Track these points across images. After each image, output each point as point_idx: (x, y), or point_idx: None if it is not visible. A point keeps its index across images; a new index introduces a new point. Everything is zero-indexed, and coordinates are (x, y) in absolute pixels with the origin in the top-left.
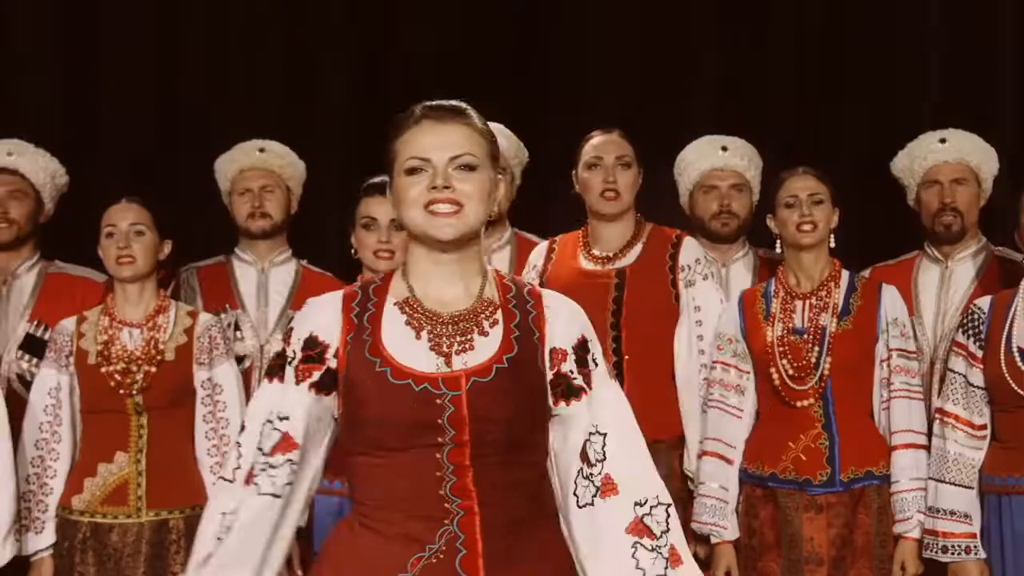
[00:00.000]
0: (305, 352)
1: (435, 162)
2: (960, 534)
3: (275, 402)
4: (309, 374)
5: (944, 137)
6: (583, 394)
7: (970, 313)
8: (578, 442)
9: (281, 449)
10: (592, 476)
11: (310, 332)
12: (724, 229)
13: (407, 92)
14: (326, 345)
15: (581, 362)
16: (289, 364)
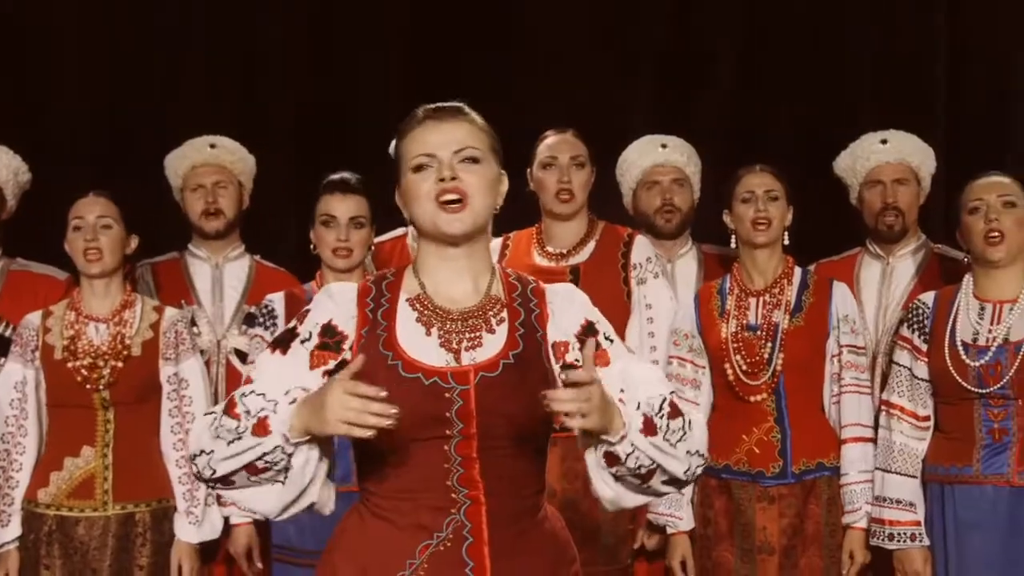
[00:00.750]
0: (322, 339)
1: (440, 156)
2: (905, 522)
3: (296, 378)
4: (325, 361)
5: (886, 138)
6: None
7: (915, 308)
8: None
9: (255, 431)
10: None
11: (329, 319)
12: (667, 225)
13: (355, 91)
14: (344, 336)
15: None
16: (302, 344)
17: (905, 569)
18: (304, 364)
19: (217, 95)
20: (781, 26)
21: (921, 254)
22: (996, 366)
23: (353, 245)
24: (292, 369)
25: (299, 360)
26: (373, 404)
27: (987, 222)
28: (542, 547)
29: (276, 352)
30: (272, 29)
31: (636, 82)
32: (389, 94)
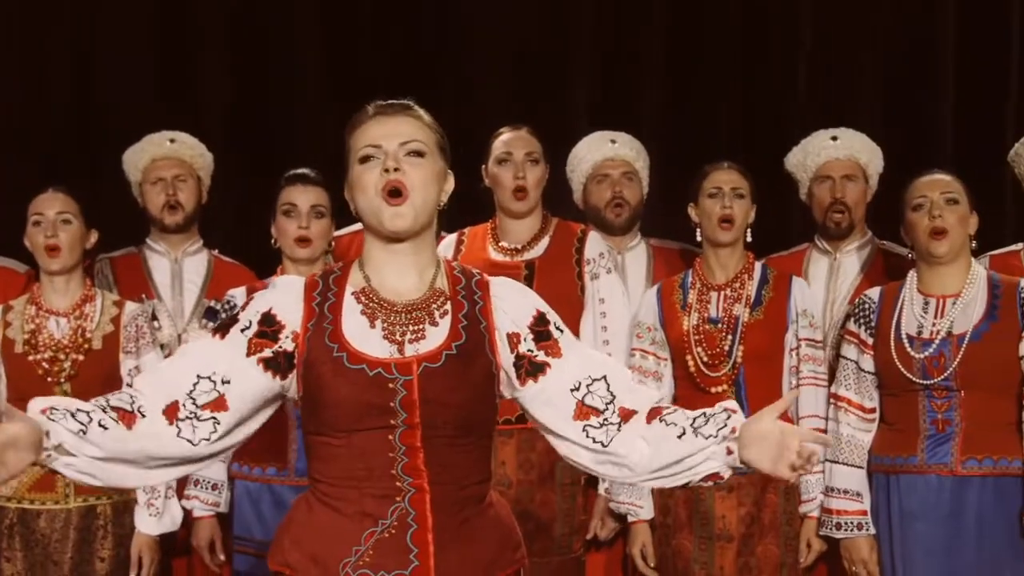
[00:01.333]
0: (260, 327)
1: (386, 148)
2: (852, 511)
3: (220, 363)
4: (260, 349)
5: (836, 135)
6: (547, 368)
7: (861, 303)
8: (569, 406)
9: (212, 407)
10: (607, 420)
11: (269, 308)
12: (617, 219)
13: (290, 88)
14: (282, 325)
15: (543, 336)
16: (242, 332)
17: (852, 557)
18: (241, 350)
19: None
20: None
21: (867, 250)
22: (940, 358)
23: (313, 235)
24: (225, 352)
25: (236, 346)
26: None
27: (931, 219)
28: (486, 534)
29: (216, 336)
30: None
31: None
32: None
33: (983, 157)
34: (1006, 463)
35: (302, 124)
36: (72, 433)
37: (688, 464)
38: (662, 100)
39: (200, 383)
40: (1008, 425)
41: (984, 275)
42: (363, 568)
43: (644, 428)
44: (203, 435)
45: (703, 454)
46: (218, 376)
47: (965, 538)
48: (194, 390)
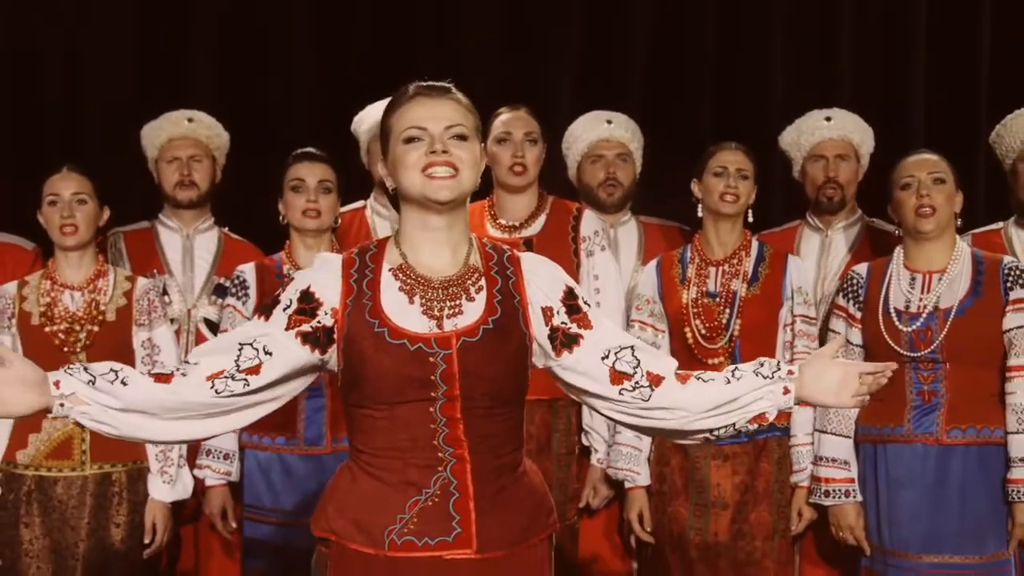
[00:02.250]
0: (300, 304)
1: (432, 131)
2: (840, 479)
3: (264, 337)
4: (299, 324)
5: (830, 116)
6: (581, 339)
7: (849, 278)
8: (604, 373)
9: (248, 372)
10: (638, 383)
11: (308, 286)
12: (609, 198)
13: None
14: (320, 302)
15: (574, 310)
16: (283, 310)
17: (840, 523)
18: (282, 326)
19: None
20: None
21: (857, 227)
22: (927, 331)
23: (322, 207)
24: (268, 328)
25: (278, 322)
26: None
27: (919, 198)
28: (522, 500)
29: (260, 317)
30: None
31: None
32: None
33: (955, 142)
34: (989, 432)
35: (290, 96)
36: (83, 383)
37: (743, 402)
38: (646, 80)
39: (244, 350)
40: (991, 396)
41: (968, 252)
42: (408, 535)
43: (680, 388)
44: (231, 390)
45: (759, 392)
46: (260, 345)
47: (949, 505)
48: (240, 357)
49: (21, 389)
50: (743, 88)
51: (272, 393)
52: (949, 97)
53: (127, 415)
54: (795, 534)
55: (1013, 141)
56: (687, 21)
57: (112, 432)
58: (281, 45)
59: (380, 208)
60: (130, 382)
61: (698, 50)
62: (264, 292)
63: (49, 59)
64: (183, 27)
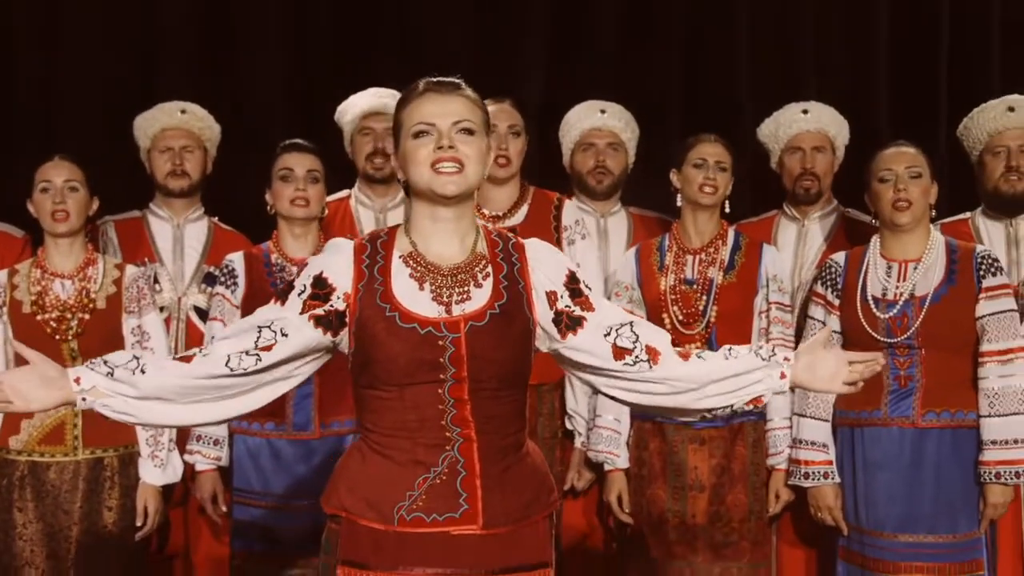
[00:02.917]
0: (313, 289)
1: (440, 126)
2: (819, 461)
3: (280, 320)
4: (313, 308)
5: (807, 108)
6: (584, 321)
7: (827, 267)
8: (606, 350)
9: (263, 349)
10: (638, 357)
11: (321, 272)
12: (598, 186)
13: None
14: (333, 287)
15: (576, 293)
16: (298, 295)
17: (818, 504)
18: (297, 309)
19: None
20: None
21: (833, 217)
22: (903, 318)
23: (310, 196)
24: (283, 312)
25: (293, 306)
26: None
27: (896, 192)
28: (525, 479)
29: (276, 302)
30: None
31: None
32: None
33: (917, 137)
34: (962, 416)
35: (259, 72)
36: (102, 376)
37: (743, 381)
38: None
39: (263, 332)
40: (965, 381)
41: (942, 241)
42: (417, 511)
43: (682, 363)
44: (245, 365)
45: (758, 373)
46: (277, 327)
47: (924, 486)
48: (258, 339)
49: (43, 386)
50: (709, 82)
51: (285, 371)
52: (911, 89)
53: (146, 403)
54: (772, 515)
55: (980, 133)
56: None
57: (133, 420)
58: (258, 33)
59: (364, 198)
60: (148, 370)
61: (665, 48)
62: (252, 280)
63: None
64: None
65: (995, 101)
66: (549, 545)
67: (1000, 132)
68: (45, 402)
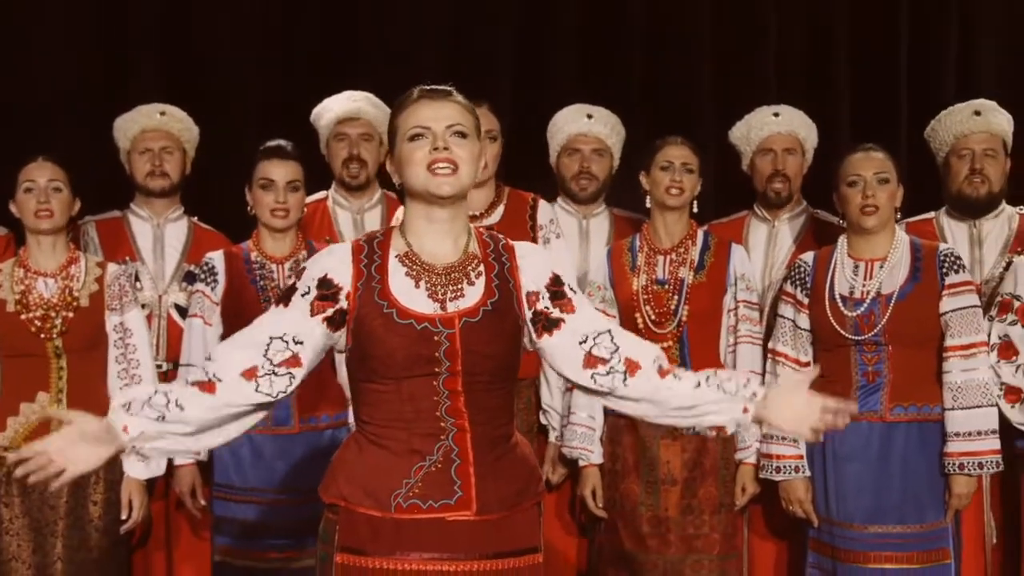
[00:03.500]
0: (320, 291)
1: (434, 129)
2: (790, 456)
3: (288, 326)
4: (323, 309)
5: (777, 112)
6: (561, 323)
7: (797, 266)
8: (578, 356)
9: (287, 364)
10: (613, 368)
11: (325, 273)
12: (582, 191)
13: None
14: (339, 287)
15: (557, 295)
16: (303, 297)
17: (790, 498)
18: (306, 313)
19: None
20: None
21: (802, 218)
22: (870, 316)
23: (290, 206)
24: (292, 316)
25: (301, 310)
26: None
27: (864, 197)
28: (515, 468)
29: (279, 306)
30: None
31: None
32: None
33: (878, 139)
34: (928, 410)
35: (236, 89)
36: (151, 420)
37: (701, 411)
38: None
39: (273, 343)
40: (930, 375)
41: (907, 240)
42: (413, 498)
43: (658, 380)
44: (280, 388)
45: (719, 405)
46: (289, 336)
47: (892, 478)
48: (268, 350)
49: (90, 443)
50: (670, 85)
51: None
52: (872, 92)
53: (200, 436)
54: (739, 507)
55: (946, 136)
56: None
57: (186, 453)
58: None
59: (341, 199)
60: (185, 404)
61: (630, 45)
62: (232, 278)
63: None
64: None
65: (962, 105)
66: (538, 531)
67: (966, 135)
68: (99, 459)
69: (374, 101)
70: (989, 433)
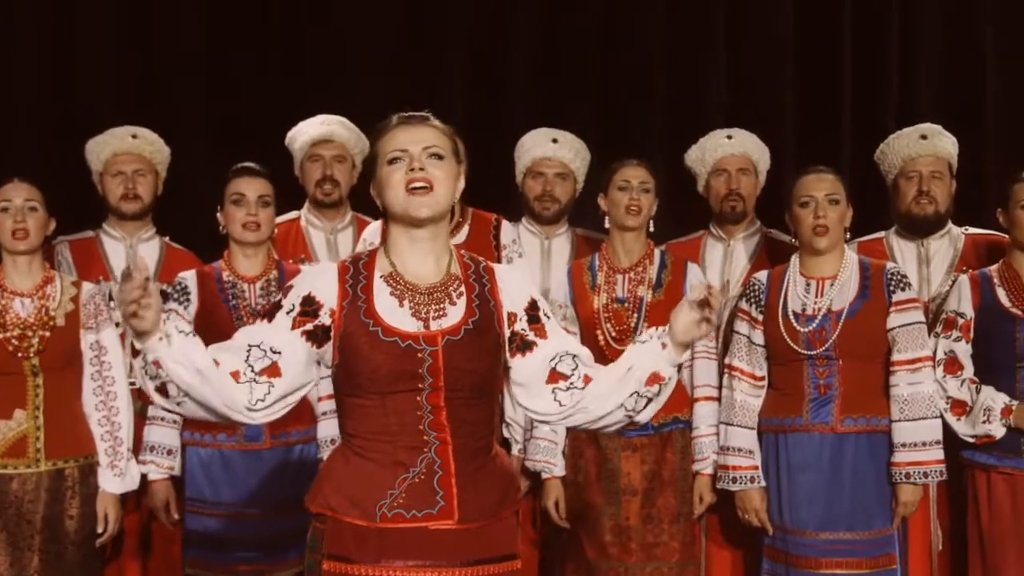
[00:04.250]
0: (303, 307)
1: (411, 151)
2: (746, 467)
3: (267, 337)
4: (303, 324)
5: (731, 134)
6: (534, 347)
7: (751, 285)
8: (544, 372)
9: (268, 373)
10: (573, 384)
11: (309, 292)
12: (545, 212)
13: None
14: (321, 305)
15: (533, 319)
16: (286, 314)
17: (745, 507)
18: (287, 326)
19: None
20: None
21: (756, 237)
22: (822, 332)
23: (261, 221)
24: (272, 330)
25: (282, 324)
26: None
27: (816, 217)
28: (495, 479)
29: (263, 320)
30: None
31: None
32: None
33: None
34: (877, 421)
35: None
36: (180, 332)
37: (636, 368)
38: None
39: (252, 351)
40: (878, 388)
41: (856, 259)
42: (397, 508)
43: (594, 380)
44: (258, 396)
45: (642, 357)
46: (267, 346)
47: (842, 487)
48: (249, 357)
49: (156, 307)
50: (624, 109)
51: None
52: (816, 118)
53: (199, 375)
54: (697, 516)
55: (895, 159)
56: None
57: (185, 380)
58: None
59: (314, 220)
60: (202, 349)
61: (580, 76)
62: (205, 298)
63: None
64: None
65: (909, 129)
66: (516, 538)
67: (913, 158)
68: (149, 321)
69: (347, 125)
70: (934, 444)
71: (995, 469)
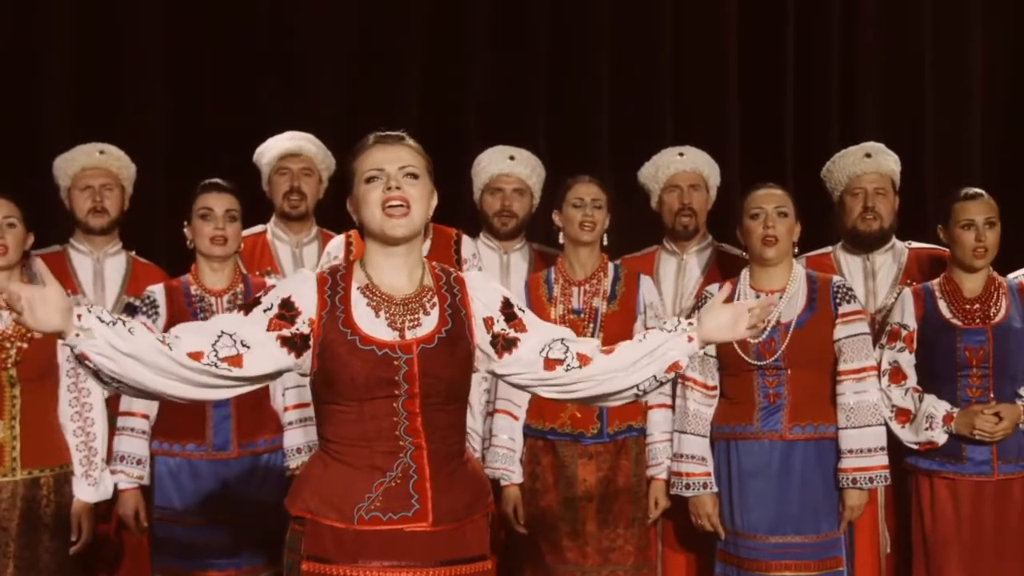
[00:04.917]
0: (280, 310)
1: (388, 171)
2: (699, 473)
3: (241, 330)
4: (279, 328)
5: (683, 152)
6: (518, 342)
7: (704, 297)
8: (539, 363)
9: (230, 362)
10: (569, 365)
11: (289, 295)
12: (503, 227)
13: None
14: (299, 311)
15: (510, 317)
16: (264, 312)
17: (698, 512)
18: (262, 326)
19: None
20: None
21: (708, 251)
22: (771, 343)
23: (228, 235)
24: (246, 323)
25: (257, 321)
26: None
27: (765, 228)
28: (467, 483)
29: (239, 312)
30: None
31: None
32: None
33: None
34: (824, 428)
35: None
36: (99, 322)
37: (658, 353)
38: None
39: (222, 338)
40: (826, 397)
41: (803, 273)
42: (374, 511)
43: (607, 358)
44: (216, 380)
45: (667, 344)
46: (239, 338)
47: (791, 492)
48: (217, 342)
49: (52, 308)
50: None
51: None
52: (760, 136)
53: (129, 360)
54: (651, 521)
55: (841, 176)
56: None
57: (113, 369)
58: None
59: (280, 233)
60: (135, 333)
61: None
62: (173, 312)
63: None
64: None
65: (854, 148)
66: (487, 540)
67: (858, 176)
68: (48, 323)
69: (315, 141)
70: (878, 450)
71: (937, 474)
